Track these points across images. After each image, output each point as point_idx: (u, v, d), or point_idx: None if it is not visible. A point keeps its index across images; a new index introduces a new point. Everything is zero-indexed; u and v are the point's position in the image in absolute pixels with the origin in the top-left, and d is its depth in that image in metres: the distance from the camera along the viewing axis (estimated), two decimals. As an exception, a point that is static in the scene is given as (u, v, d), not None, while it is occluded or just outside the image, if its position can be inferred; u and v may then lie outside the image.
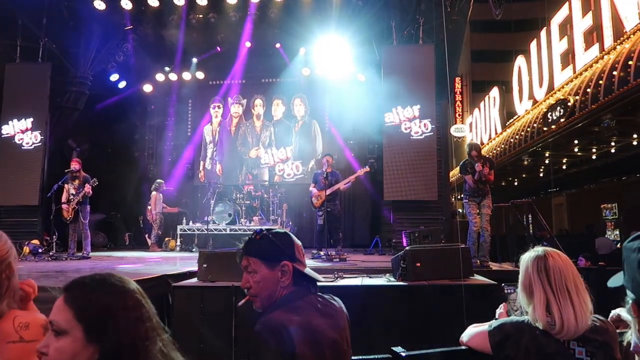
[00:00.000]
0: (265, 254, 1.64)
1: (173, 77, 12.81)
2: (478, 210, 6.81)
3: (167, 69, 12.64)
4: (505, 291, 2.52)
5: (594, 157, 13.54)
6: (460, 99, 24.06)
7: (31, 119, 9.96)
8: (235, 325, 4.32)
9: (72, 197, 8.33)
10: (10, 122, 9.98)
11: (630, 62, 8.51)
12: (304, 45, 11.64)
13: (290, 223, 11.00)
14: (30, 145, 9.93)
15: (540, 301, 1.78)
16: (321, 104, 12.97)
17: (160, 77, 12.71)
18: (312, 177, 9.16)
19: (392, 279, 5.04)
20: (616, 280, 1.45)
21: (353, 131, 12.66)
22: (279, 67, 12.24)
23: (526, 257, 1.87)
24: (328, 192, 7.86)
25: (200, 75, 12.86)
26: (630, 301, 1.35)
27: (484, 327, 1.97)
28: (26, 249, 8.40)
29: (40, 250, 8.49)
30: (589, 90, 9.67)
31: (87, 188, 8.21)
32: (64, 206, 8.36)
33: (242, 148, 13.09)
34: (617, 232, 16.23)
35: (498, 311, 2.31)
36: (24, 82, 10.12)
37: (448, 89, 9.81)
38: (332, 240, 8.10)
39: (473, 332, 2.04)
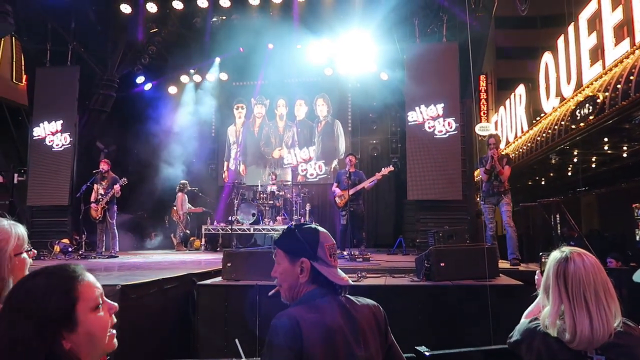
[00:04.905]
0: (288, 248, 1.70)
1: (197, 78, 12.98)
2: (494, 215, 6.77)
3: (191, 70, 12.82)
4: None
5: (625, 155, 13.15)
6: (485, 97, 23.70)
7: (61, 121, 10.21)
8: (259, 323, 4.34)
9: (100, 197, 8.52)
10: (41, 125, 10.26)
11: (662, 57, 8.25)
12: (326, 45, 11.64)
13: (314, 222, 11.03)
14: (60, 147, 10.19)
15: (554, 308, 1.73)
16: (344, 103, 12.95)
17: (184, 78, 12.90)
18: (335, 177, 9.16)
19: (416, 278, 5.00)
20: None
21: (376, 130, 12.63)
22: (301, 67, 12.27)
23: (551, 257, 1.82)
24: (351, 192, 7.84)
25: (223, 76, 13.00)
26: None
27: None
28: (57, 248, 8.64)
29: (70, 249, 8.72)
30: (619, 86, 9.40)
31: (116, 188, 8.40)
32: (93, 206, 8.56)
33: (265, 148, 13.18)
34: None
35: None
36: (53, 85, 10.39)
37: (472, 87, 9.67)
38: (356, 240, 8.08)
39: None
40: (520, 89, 17.17)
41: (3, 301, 1.19)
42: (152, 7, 10.53)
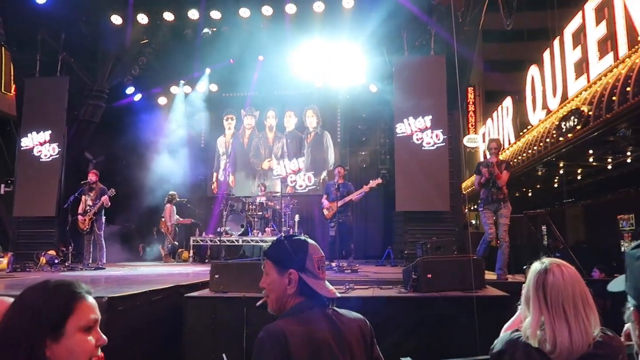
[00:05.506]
0: (276, 259, 1.71)
1: (187, 89, 13.00)
2: (494, 220, 6.63)
3: (181, 81, 12.84)
4: None
5: (609, 167, 13.35)
6: (473, 109, 23.98)
7: (49, 132, 10.15)
8: (246, 335, 4.33)
9: (88, 208, 8.48)
10: (29, 135, 10.19)
11: (645, 71, 8.41)
12: (315, 57, 11.72)
13: (302, 234, 11.02)
14: (48, 158, 10.11)
15: (534, 319, 1.75)
16: (333, 115, 13.04)
17: (174, 89, 12.91)
18: (324, 189, 9.19)
19: (404, 290, 5.03)
20: (617, 285, 1.43)
21: (365, 142, 12.71)
22: (291, 78, 12.34)
23: (532, 269, 1.85)
24: (340, 203, 7.88)
25: (213, 87, 13.04)
26: (632, 307, 1.34)
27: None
28: (43, 260, 8.54)
29: (56, 261, 8.62)
30: (603, 99, 9.57)
31: (105, 199, 8.36)
32: (80, 217, 8.51)
33: (254, 159, 13.19)
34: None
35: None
36: (42, 95, 10.34)
37: (458, 100, 9.79)
38: (344, 251, 8.10)
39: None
40: (508, 102, 17.39)
41: None
42: (142, 19, 10.57)
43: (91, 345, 1.25)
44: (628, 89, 8.74)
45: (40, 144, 10.16)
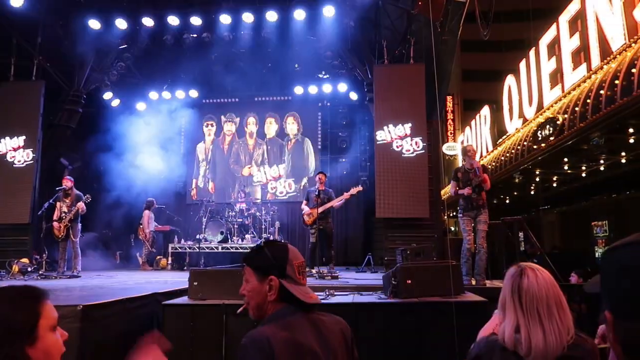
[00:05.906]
0: (256, 265, 1.68)
1: (167, 95, 12.88)
2: (473, 227, 6.68)
3: (161, 87, 12.72)
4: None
5: (583, 174, 13.66)
6: (452, 118, 24.30)
7: (23, 137, 9.94)
8: (225, 343, 4.29)
9: (64, 215, 8.30)
10: (2, 140, 9.95)
11: (616, 82, 8.65)
12: (296, 64, 11.77)
13: (283, 240, 10.98)
14: (22, 163, 9.89)
15: (510, 322, 1.77)
16: (314, 122, 13.07)
17: (153, 95, 12.78)
18: (304, 195, 9.19)
19: (383, 296, 5.04)
20: (593, 287, 1.45)
21: (345, 149, 12.78)
22: (272, 85, 12.35)
23: (507, 273, 1.88)
24: (320, 210, 7.88)
25: (193, 93, 12.94)
26: (606, 309, 1.37)
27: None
28: (15, 268, 8.30)
29: (29, 269, 8.40)
30: (577, 108, 9.81)
31: (80, 205, 8.19)
32: (55, 224, 8.32)
33: (234, 166, 13.13)
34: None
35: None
36: (17, 100, 10.13)
37: (437, 108, 9.92)
38: (324, 257, 8.10)
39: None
40: (485, 110, 17.67)
41: None
42: (121, 24, 10.47)
43: (60, 342, 1.29)
44: (601, 98, 8.98)
45: (14, 149, 9.93)
